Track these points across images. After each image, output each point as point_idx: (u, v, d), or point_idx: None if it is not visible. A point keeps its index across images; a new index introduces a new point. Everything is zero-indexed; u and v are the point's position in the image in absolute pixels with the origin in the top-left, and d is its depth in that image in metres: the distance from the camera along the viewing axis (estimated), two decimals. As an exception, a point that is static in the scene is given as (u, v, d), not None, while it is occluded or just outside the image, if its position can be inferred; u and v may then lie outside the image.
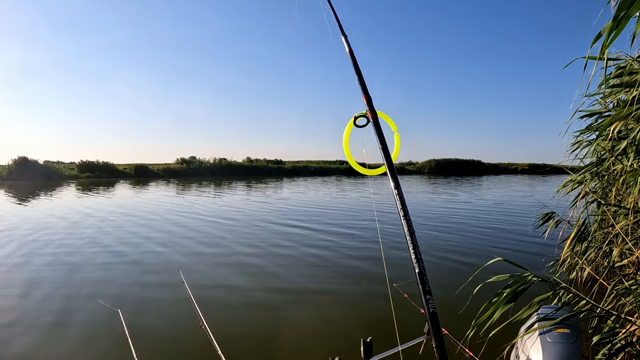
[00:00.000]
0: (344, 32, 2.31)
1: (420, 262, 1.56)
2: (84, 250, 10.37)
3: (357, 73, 2.11)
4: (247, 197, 25.95)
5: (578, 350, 2.26)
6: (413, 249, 1.58)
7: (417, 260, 1.57)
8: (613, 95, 4.85)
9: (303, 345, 5.32)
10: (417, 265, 1.55)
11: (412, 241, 1.60)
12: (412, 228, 1.63)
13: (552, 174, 60.04)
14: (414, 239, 1.60)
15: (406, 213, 1.66)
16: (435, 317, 1.47)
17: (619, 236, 4.40)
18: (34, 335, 5.52)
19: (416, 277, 1.54)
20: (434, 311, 1.48)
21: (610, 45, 1.61)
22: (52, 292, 7.14)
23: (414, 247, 1.59)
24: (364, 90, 2.06)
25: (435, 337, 1.45)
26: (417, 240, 1.63)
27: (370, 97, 2.04)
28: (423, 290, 1.51)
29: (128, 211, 18.66)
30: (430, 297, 1.50)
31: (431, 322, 1.46)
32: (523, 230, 12.87)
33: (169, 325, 5.83)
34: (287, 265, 9.08)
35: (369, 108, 2.00)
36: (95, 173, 52.49)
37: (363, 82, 2.08)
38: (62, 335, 5.53)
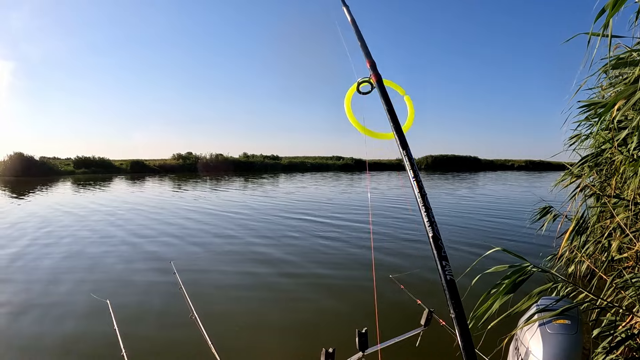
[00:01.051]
0: (345, 2, 2.25)
1: (434, 225, 1.42)
2: (93, 243, 10.35)
3: (359, 39, 2.03)
4: (252, 192, 25.97)
5: (579, 342, 2.21)
6: (425, 211, 1.46)
7: (431, 223, 1.43)
8: (611, 88, 4.81)
9: (296, 336, 5.30)
10: (431, 229, 1.42)
11: (424, 203, 1.48)
12: (424, 190, 1.52)
13: (548, 170, 60.25)
14: (426, 200, 1.48)
15: (416, 174, 1.56)
16: (453, 285, 1.33)
17: (618, 229, 4.36)
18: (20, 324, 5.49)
19: (430, 241, 1.41)
20: (451, 279, 1.33)
21: (611, 19, 1.56)
22: (48, 283, 7.11)
23: (427, 210, 1.46)
24: (366, 54, 1.96)
25: (455, 307, 1.32)
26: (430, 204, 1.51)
27: (374, 61, 1.93)
28: (438, 255, 1.36)
29: (133, 205, 18.78)
30: (446, 262, 1.36)
31: (449, 291, 1.32)
32: (520, 225, 12.88)
33: (159, 317, 5.82)
34: (285, 257, 9.14)
35: (373, 72, 1.87)
36: (91, 169, 52.36)
37: (365, 45, 2.00)
38: (51, 327, 5.51)
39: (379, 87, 1.82)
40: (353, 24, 2.11)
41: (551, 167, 65.64)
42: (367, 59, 1.93)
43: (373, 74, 1.87)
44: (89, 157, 54.74)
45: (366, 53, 1.96)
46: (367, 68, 1.91)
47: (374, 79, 1.85)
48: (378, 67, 1.90)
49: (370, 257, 9.01)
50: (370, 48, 1.98)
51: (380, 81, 1.84)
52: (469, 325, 2.81)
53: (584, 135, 5.74)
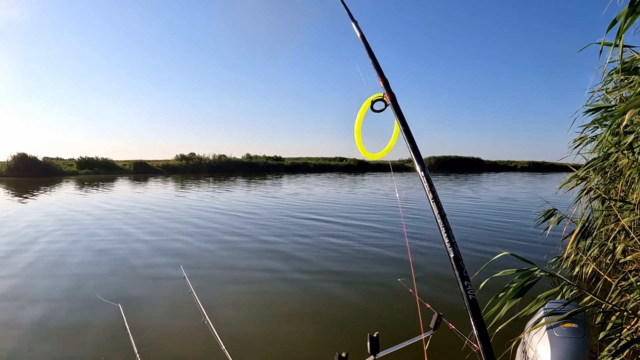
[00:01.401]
0: (354, 18, 2.22)
1: (455, 246, 1.44)
2: (101, 245, 10.38)
3: (370, 56, 1.99)
4: (257, 193, 26.00)
5: (586, 345, 2.23)
6: (446, 232, 1.47)
7: (452, 244, 1.45)
8: (616, 92, 4.83)
9: (308, 340, 5.31)
10: (452, 250, 1.44)
11: (444, 224, 1.49)
12: (443, 211, 1.54)
13: (551, 172, 60.15)
14: (446, 222, 1.50)
15: (435, 195, 1.58)
16: (475, 305, 1.35)
17: (623, 232, 4.38)
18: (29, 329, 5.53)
19: (451, 262, 1.43)
20: (473, 298, 1.36)
21: (624, 32, 1.59)
22: (55, 288, 7.15)
23: (447, 231, 1.47)
24: (379, 72, 1.93)
25: (477, 326, 1.34)
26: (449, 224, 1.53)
27: (387, 79, 1.91)
28: (460, 275, 1.39)
29: (147, 206, 18.83)
30: (468, 283, 1.38)
31: (471, 311, 1.34)
32: (524, 227, 12.86)
33: (171, 321, 5.82)
34: (295, 259, 9.18)
35: (387, 91, 1.86)
36: (95, 169, 52.36)
37: (377, 64, 1.97)
38: (62, 332, 5.51)
39: (394, 106, 1.82)
40: (363, 39, 2.09)
41: (554, 169, 65.62)
42: (380, 77, 1.92)
43: (387, 93, 1.86)
44: (92, 158, 54.76)
45: (378, 70, 1.95)
46: (380, 86, 1.90)
47: (388, 97, 1.85)
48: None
49: (379, 261, 9.02)
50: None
51: (395, 99, 1.84)
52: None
53: (589, 138, 5.76)
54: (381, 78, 1.92)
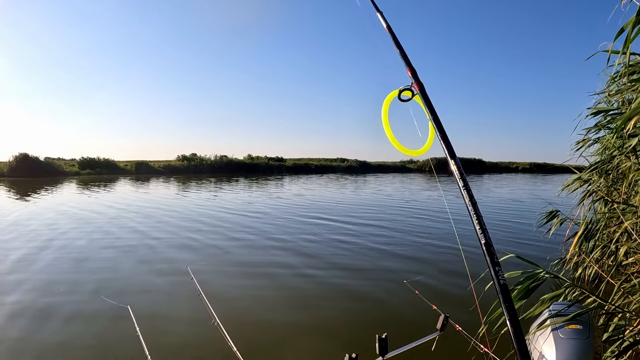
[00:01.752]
0: (379, 9, 2.23)
1: (486, 232, 1.50)
2: (108, 246, 10.44)
3: (397, 47, 2.01)
4: (261, 194, 26.00)
5: (590, 346, 2.27)
6: (477, 219, 1.54)
7: (483, 230, 1.51)
8: (619, 95, 4.86)
9: (318, 341, 5.34)
10: (483, 236, 1.49)
11: (475, 211, 1.55)
12: (474, 199, 1.59)
13: (553, 173, 60.08)
14: (477, 209, 1.55)
15: (466, 183, 1.63)
16: (506, 290, 1.40)
17: (625, 234, 4.42)
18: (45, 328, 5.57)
19: (482, 248, 1.48)
20: (504, 283, 1.40)
21: (634, 40, 1.63)
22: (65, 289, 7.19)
23: (478, 218, 1.53)
24: (407, 62, 1.95)
25: (508, 310, 1.39)
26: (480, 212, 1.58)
27: (415, 69, 1.93)
28: (492, 261, 1.43)
29: (143, 207, 18.85)
30: (499, 268, 1.43)
31: (502, 295, 1.39)
32: (527, 229, 12.89)
33: (180, 322, 5.85)
34: (303, 259, 9.26)
35: (415, 80, 1.88)
36: (96, 169, 52.39)
37: (405, 54, 1.99)
38: (71, 333, 5.55)
39: (422, 95, 1.85)
40: (389, 30, 2.10)
41: (556, 170, 65.45)
42: (408, 67, 1.94)
43: (415, 82, 1.88)
44: (93, 158, 54.78)
45: (406, 60, 1.96)
46: (408, 76, 1.92)
47: (417, 87, 1.87)
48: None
49: (387, 262, 9.06)
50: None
51: (423, 89, 1.86)
52: (482, 330, 2.90)
53: (591, 141, 5.79)
54: (409, 68, 1.94)
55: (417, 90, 1.86)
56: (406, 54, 1.99)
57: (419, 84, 1.87)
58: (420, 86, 1.87)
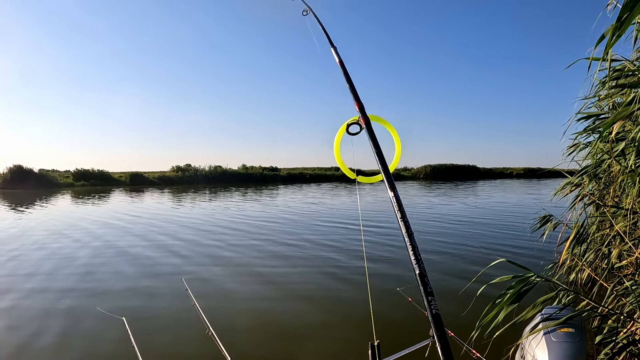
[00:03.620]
0: (333, 44, 2.31)
1: (421, 263, 1.50)
2: (103, 258, 10.40)
3: (348, 81, 2.10)
4: (255, 204, 25.95)
5: (583, 349, 2.28)
6: (412, 250, 1.55)
7: (417, 261, 1.53)
8: (609, 99, 4.90)
9: (311, 349, 5.32)
10: (417, 267, 1.51)
11: (410, 242, 1.57)
12: (410, 229, 1.60)
13: (547, 178, 60.35)
14: (413, 240, 1.57)
15: (403, 215, 1.65)
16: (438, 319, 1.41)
17: (618, 237, 4.44)
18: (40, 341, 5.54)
19: (417, 278, 1.50)
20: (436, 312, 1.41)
21: (613, 46, 1.65)
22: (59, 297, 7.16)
23: (413, 249, 1.55)
24: (355, 97, 2.03)
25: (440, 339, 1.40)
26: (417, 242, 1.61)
27: (362, 103, 2.00)
28: (425, 291, 1.45)
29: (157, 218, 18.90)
30: (432, 298, 1.44)
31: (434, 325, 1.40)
32: (521, 233, 12.93)
33: (175, 333, 5.82)
34: (297, 268, 9.26)
35: (362, 115, 1.96)
36: (91, 181, 52.37)
37: (354, 89, 2.07)
38: (64, 346, 5.50)
39: (367, 130, 1.90)
40: (341, 65, 2.19)
41: (549, 175, 65.80)
42: (356, 101, 2.01)
43: (362, 116, 1.95)
44: (88, 170, 54.84)
45: (354, 95, 2.04)
46: (356, 110, 1.99)
47: (363, 121, 1.93)
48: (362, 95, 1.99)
49: (380, 270, 9.06)
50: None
51: (369, 123, 1.92)
52: (475, 335, 2.90)
53: (582, 145, 5.83)
54: (357, 102, 2.00)
55: (364, 124, 1.93)
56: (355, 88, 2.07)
57: (365, 118, 1.94)
58: (366, 120, 1.93)
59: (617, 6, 1.97)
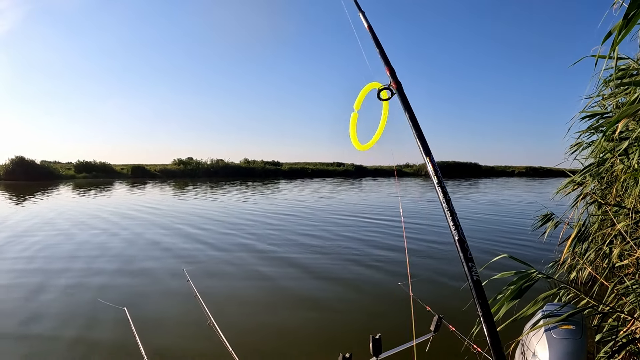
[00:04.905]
0: (361, 9, 2.25)
1: (460, 228, 1.50)
2: (107, 248, 10.43)
3: (377, 46, 2.02)
4: (257, 198, 25.96)
5: (584, 346, 2.28)
6: (450, 215, 1.54)
7: (456, 227, 1.51)
8: (613, 98, 4.89)
9: (313, 341, 5.36)
10: (457, 233, 1.50)
11: (449, 208, 1.56)
12: (448, 195, 1.60)
13: (549, 177, 60.23)
14: (451, 205, 1.56)
15: (440, 181, 1.65)
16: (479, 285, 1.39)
17: (619, 237, 4.44)
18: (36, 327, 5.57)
19: (456, 244, 1.49)
20: (477, 279, 1.40)
21: (619, 43, 1.66)
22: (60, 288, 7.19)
23: (452, 214, 1.54)
24: (386, 61, 1.96)
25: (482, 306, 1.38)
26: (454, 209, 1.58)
27: (394, 68, 1.94)
28: (465, 257, 1.44)
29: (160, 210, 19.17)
30: (472, 264, 1.41)
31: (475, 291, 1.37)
32: (522, 231, 12.93)
33: (177, 324, 5.87)
34: (300, 260, 9.34)
35: (393, 79, 1.90)
36: (92, 173, 52.33)
37: (384, 53, 2.00)
38: (66, 334, 5.55)
39: (400, 94, 1.86)
40: (370, 30, 2.12)
41: (552, 174, 65.76)
42: (387, 66, 1.95)
43: (393, 81, 1.90)
44: (90, 162, 54.79)
45: (385, 60, 1.98)
46: (387, 75, 1.94)
47: (394, 85, 1.89)
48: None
49: (383, 265, 9.06)
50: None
51: (401, 88, 1.88)
52: (476, 330, 2.91)
53: (585, 144, 5.82)
54: (387, 67, 1.95)
55: (395, 89, 1.89)
56: (385, 53, 2.01)
57: (397, 83, 1.90)
58: (398, 85, 1.89)
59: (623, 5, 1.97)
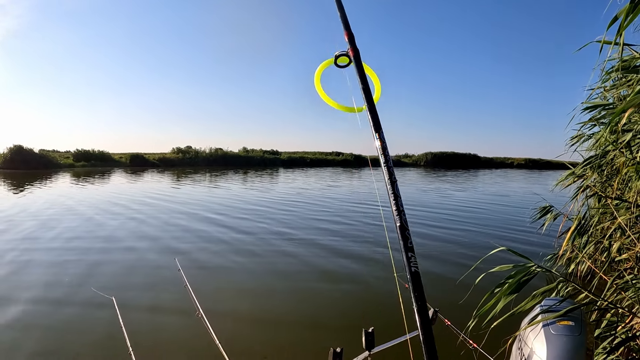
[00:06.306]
0: None
1: (402, 214, 1.40)
2: (98, 237, 10.38)
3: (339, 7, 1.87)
4: (253, 186, 25.90)
5: (583, 343, 2.22)
6: (394, 199, 1.43)
7: (399, 212, 1.42)
8: (615, 90, 4.82)
9: (303, 334, 5.31)
10: (399, 219, 1.39)
11: (393, 191, 1.46)
12: (394, 177, 1.50)
13: (548, 169, 60.27)
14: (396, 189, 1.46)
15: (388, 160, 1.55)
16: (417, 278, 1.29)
17: (619, 230, 4.38)
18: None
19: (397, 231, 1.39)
20: (415, 270, 1.31)
21: (626, 28, 1.58)
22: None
23: (395, 198, 1.41)
24: (345, 25, 1.83)
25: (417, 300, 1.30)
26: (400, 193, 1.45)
27: (353, 34, 1.82)
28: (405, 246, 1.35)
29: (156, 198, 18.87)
30: (412, 254, 1.33)
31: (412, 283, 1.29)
32: (520, 223, 12.91)
33: (165, 314, 5.82)
34: (291, 251, 9.29)
35: (351, 46, 1.78)
36: (91, 162, 52.28)
37: (345, 16, 1.86)
38: (56, 324, 5.51)
39: (356, 62, 1.76)
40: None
41: (551, 166, 65.88)
42: (345, 31, 1.83)
43: (351, 47, 1.79)
44: (88, 150, 54.71)
45: (345, 24, 1.85)
46: (345, 40, 1.82)
47: (352, 52, 1.78)
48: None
49: (375, 256, 9.03)
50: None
51: (358, 56, 1.77)
52: (471, 324, 2.84)
53: (586, 136, 5.76)
54: (347, 32, 1.83)
55: (352, 56, 1.77)
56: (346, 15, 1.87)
57: (355, 50, 1.78)
58: (356, 52, 1.78)
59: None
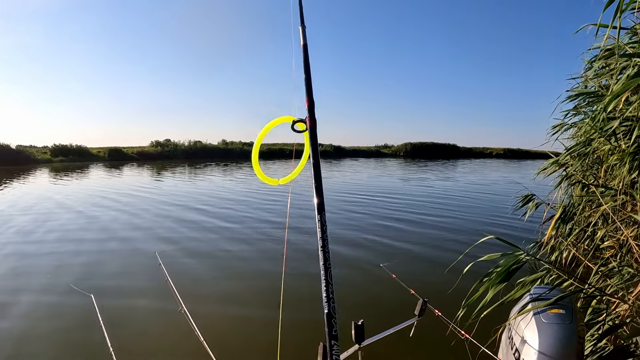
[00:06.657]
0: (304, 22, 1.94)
1: (332, 301, 1.52)
2: (78, 232, 10.20)
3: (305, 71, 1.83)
4: (229, 179, 25.70)
5: (574, 331, 2.21)
6: (326, 286, 1.52)
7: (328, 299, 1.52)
8: (597, 79, 4.84)
9: (290, 328, 5.21)
10: (327, 305, 1.50)
11: (325, 277, 1.53)
12: (329, 262, 1.57)
13: (527, 159, 61.04)
14: (328, 263, 1.55)
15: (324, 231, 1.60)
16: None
17: (603, 217, 4.40)
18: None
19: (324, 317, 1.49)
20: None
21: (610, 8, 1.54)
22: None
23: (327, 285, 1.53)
24: (308, 92, 1.80)
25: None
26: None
27: (314, 102, 1.79)
28: (329, 334, 1.46)
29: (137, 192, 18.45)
30: (335, 342, 1.44)
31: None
32: (502, 213, 12.99)
33: (147, 311, 5.72)
34: (276, 245, 9.21)
35: (310, 115, 1.77)
36: (69, 157, 51.51)
37: (310, 83, 1.82)
38: (32, 323, 5.39)
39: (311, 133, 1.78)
40: (304, 49, 1.89)
41: (530, 156, 66.79)
42: (307, 98, 1.80)
43: (309, 117, 1.77)
44: (66, 145, 53.90)
45: (308, 90, 1.81)
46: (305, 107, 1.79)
47: (309, 122, 1.77)
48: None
49: (361, 248, 8.99)
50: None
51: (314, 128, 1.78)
52: (461, 314, 2.82)
53: (567, 125, 5.78)
54: (308, 99, 1.80)
55: (308, 126, 1.77)
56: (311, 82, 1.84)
57: (312, 121, 1.77)
58: (313, 123, 1.78)
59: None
